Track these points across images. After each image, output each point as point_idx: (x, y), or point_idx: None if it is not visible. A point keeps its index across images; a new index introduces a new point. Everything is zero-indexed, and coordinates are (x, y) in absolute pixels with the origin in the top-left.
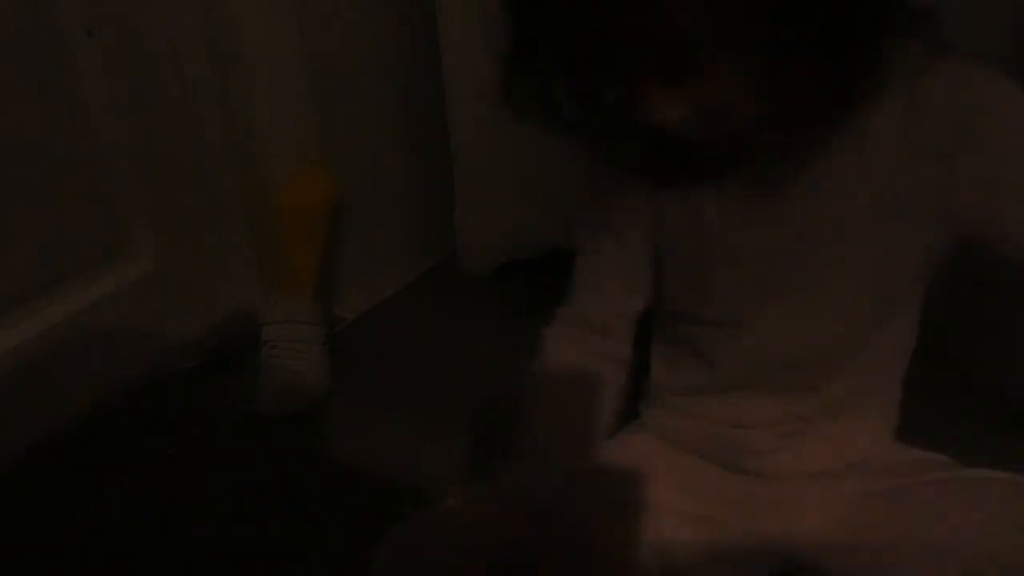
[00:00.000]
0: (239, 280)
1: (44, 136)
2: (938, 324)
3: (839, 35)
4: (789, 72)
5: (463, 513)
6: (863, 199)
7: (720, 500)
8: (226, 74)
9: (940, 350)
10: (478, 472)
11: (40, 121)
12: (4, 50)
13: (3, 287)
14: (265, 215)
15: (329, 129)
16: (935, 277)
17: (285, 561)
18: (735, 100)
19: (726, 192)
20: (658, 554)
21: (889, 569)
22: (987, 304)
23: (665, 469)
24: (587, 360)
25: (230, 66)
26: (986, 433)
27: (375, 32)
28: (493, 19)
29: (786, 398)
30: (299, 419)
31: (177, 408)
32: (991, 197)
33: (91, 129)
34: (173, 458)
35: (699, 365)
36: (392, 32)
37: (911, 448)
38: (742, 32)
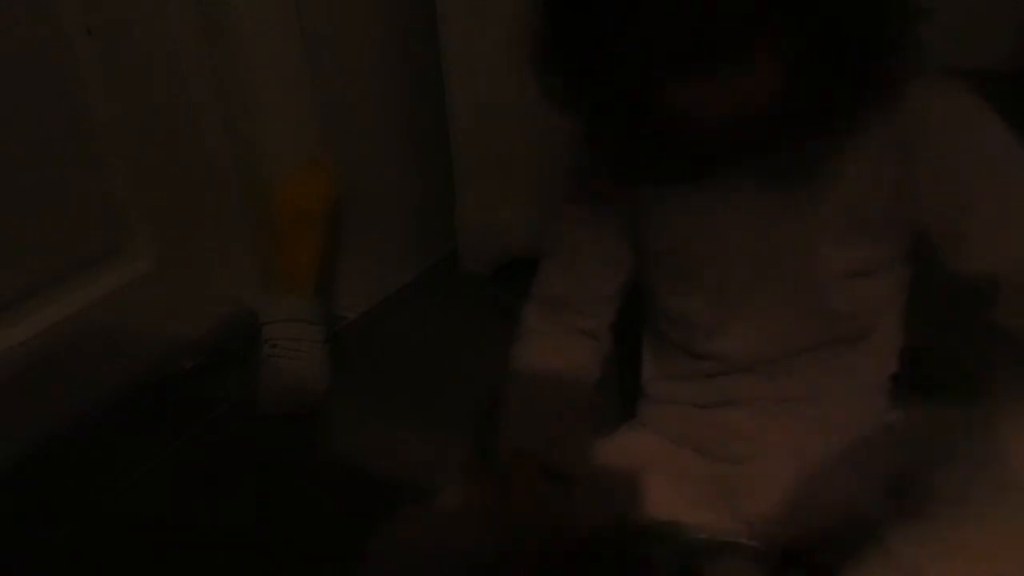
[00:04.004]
0: (239, 280)
1: (44, 136)
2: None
3: (864, 33)
4: (811, 67)
5: (450, 508)
6: (842, 203)
7: (708, 489)
8: (226, 74)
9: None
10: (478, 470)
11: (40, 121)
12: (4, 50)
13: (3, 287)
14: (265, 215)
15: (329, 129)
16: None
17: (285, 560)
18: (760, 91)
19: (715, 190)
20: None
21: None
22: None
23: (659, 462)
24: (565, 338)
25: (230, 66)
26: None
27: (376, 33)
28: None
29: (768, 382)
30: (299, 419)
31: (177, 408)
32: (951, 212)
33: (91, 129)
34: (173, 458)
35: (686, 356)
36: (393, 32)
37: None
38: (769, 28)
